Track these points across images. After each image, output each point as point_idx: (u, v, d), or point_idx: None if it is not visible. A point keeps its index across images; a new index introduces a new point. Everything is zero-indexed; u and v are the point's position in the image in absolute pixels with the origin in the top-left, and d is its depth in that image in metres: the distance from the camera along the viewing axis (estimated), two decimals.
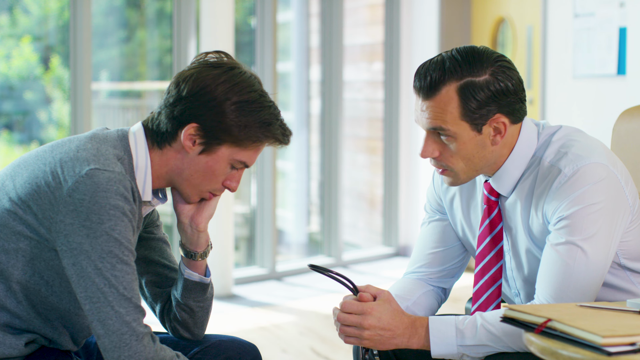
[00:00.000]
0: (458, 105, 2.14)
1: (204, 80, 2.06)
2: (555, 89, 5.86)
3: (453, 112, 2.15)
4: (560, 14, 5.78)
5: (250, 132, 2.07)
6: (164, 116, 2.09)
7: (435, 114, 2.16)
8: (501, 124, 2.18)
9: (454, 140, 2.17)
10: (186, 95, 2.06)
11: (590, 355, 1.65)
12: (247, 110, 2.06)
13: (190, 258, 2.24)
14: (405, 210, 7.25)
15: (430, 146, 2.20)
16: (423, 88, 2.17)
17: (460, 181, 2.25)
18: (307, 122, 7.39)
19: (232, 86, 2.06)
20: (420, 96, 2.18)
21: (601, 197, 2.12)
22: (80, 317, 2.13)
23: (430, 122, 2.17)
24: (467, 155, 2.19)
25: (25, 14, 5.81)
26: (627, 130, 2.67)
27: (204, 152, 2.09)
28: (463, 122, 2.15)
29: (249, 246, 6.75)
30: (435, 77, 2.15)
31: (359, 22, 7.64)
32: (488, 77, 2.15)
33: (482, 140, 2.18)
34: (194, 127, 2.06)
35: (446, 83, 2.14)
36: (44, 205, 1.99)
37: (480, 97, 2.14)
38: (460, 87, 2.14)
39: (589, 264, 2.11)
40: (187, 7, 5.81)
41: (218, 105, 2.05)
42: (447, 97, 2.14)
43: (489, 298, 2.33)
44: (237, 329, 5.19)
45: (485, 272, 2.33)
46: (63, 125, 5.81)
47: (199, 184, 2.12)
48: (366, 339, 2.16)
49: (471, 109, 2.14)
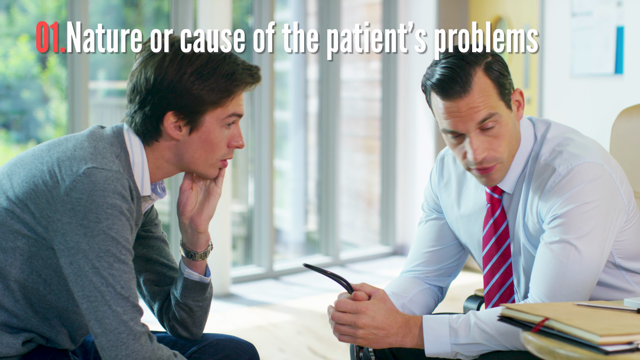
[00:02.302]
0: (492, 85, 2.15)
1: (153, 71, 2.06)
2: (553, 88, 5.87)
3: (492, 95, 2.15)
4: (558, 13, 5.78)
5: (221, 90, 2.07)
6: (138, 119, 2.09)
7: (482, 103, 2.14)
8: (518, 94, 2.22)
9: (498, 124, 2.16)
10: (147, 92, 2.06)
11: (588, 354, 1.65)
12: (206, 74, 2.06)
13: (190, 258, 2.24)
14: (402, 209, 7.25)
15: (482, 144, 2.17)
16: (457, 88, 2.13)
17: (505, 170, 2.22)
18: (305, 121, 7.39)
19: (180, 61, 2.06)
20: (456, 98, 2.13)
21: (596, 196, 2.13)
22: (78, 315, 2.13)
23: (482, 113, 2.14)
24: (509, 136, 2.19)
25: (22, 13, 5.80)
26: (626, 129, 2.67)
27: (193, 131, 2.09)
28: (501, 101, 2.17)
29: (247, 245, 6.75)
30: (461, 73, 2.14)
31: (356, 21, 7.64)
32: (490, 57, 2.17)
33: (513, 118, 2.21)
34: (171, 115, 2.07)
35: (473, 72, 2.14)
36: (41, 204, 1.99)
37: (501, 71, 2.17)
38: (484, 68, 2.15)
39: (583, 263, 2.11)
40: (184, 7, 5.81)
41: (178, 84, 2.05)
42: (481, 82, 2.14)
43: (502, 297, 2.32)
44: (235, 328, 5.19)
45: (495, 272, 2.32)
46: (60, 124, 5.80)
47: (205, 159, 2.12)
48: (360, 338, 2.16)
49: (502, 84, 2.16)
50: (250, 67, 2.11)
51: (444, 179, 2.44)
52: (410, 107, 7.07)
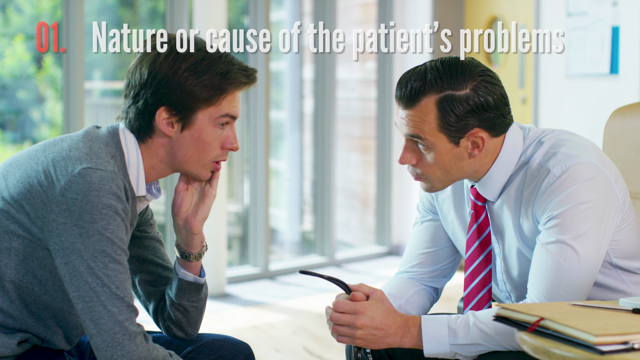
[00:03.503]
0: (436, 117, 2.15)
1: (147, 66, 2.06)
2: (548, 88, 5.87)
3: (431, 123, 2.15)
4: (553, 12, 5.78)
5: (214, 87, 2.07)
6: (132, 115, 2.09)
7: (413, 123, 2.17)
8: (479, 138, 2.18)
9: (431, 150, 2.18)
10: (141, 86, 2.06)
11: (583, 354, 1.65)
12: (200, 70, 2.06)
13: (184, 259, 2.24)
14: (398, 209, 7.25)
15: (409, 154, 2.22)
16: (403, 97, 2.18)
17: (436, 188, 2.27)
18: (300, 121, 7.39)
19: (175, 57, 2.06)
20: (401, 105, 2.19)
21: (591, 196, 2.12)
22: (73, 315, 2.13)
23: (409, 130, 2.18)
24: (444, 166, 2.20)
25: (18, 13, 5.80)
26: (619, 129, 2.67)
27: (185, 128, 2.09)
28: (440, 133, 2.16)
29: (242, 245, 6.75)
30: (415, 87, 2.16)
31: (352, 21, 7.64)
32: (468, 91, 2.15)
33: (459, 152, 2.19)
34: (163, 110, 2.07)
35: (426, 94, 2.15)
36: (36, 205, 1.99)
37: (458, 111, 2.14)
38: (439, 99, 2.14)
39: (580, 263, 2.11)
40: (180, 7, 5.81)
41: (172, 79, 2.05)
42: (426, 108, 2.15)
43: (480, 301, 2.33)
44: (230, 328, 5.19)
45: (475, 276, 2.33)
46: (56, 125, 5.80)
47: (198, 158, 2.12)
48: (359, 339, 2.16)
49: (449, 122, 2.15)
50: (246, 67, 2.11)
51: None
52: None
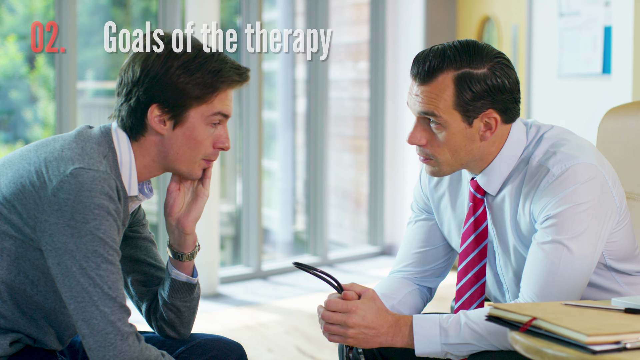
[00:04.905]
0: (453, 93, 2.15)
1: (140, 64, 2.07)
2: (541, 88, 5.87)
3: (447, 100, 2.15)
4: (546, 12, 5.79)
5: (206, 85, 2.07)
6: (124, 112, 2.09)
7: (429, 99, 2.15)
8: (493, 119, 2.19)
9: (443, 129, 2.17)
10: (133, 84, 2.07)
11: (575, 353, 1.65)
12: (192, 68, 2.06)
13: (177, 259, 2.24)
14: (390, 209, 7.25)
15: (419, 133, 2.20)
16: (420, 73, 2.16)
17: (443, 172, 2.25)
18: (293, 121, 7.38)
19: (167, 54, 2.07)
20: (417, 81, 2.18)
21: (589, 197, 2.12)
22: (65, 315, 2.13)
23: (423, 107, 2.16)
24: (455, 146, 2.19)
25: (10, 13, 5.79)
26: (613, 129, 2.68)
27: (176, 126, 2.09)
28: (455, 111, 2.16)
29: (235, 245, 6.74)
30: (434, 63, 2.15)
31: (344, 21, 7.64)
32: (486, 70, 2.16)
33: (471, 133, 2.19)
34: (155, 107, 2.07)
35: (444, 70, 2.15)
36: (28, 205, 1.99)
37: (476, 89, 2.15)
38: (457, 76, 2.15)
39: (575, 263, 2.12)
40: (172, 6, 5.80)
41: (164, 76, 2.06)
42: (443, 85, 2.15)
43: (472, 296, 2.33)
44: (223, 328, 5.18)
45: (468, 270, 2.32)
46: (48, 125, 5.79)
47: (189, 156, 2.12)
48: (350, 338, 2.16)
49: (465, 100, 2.15)
50: (238, 66, 2.11)
51: (435, 179, 2.43)
52: (398, 107, 7.07)
